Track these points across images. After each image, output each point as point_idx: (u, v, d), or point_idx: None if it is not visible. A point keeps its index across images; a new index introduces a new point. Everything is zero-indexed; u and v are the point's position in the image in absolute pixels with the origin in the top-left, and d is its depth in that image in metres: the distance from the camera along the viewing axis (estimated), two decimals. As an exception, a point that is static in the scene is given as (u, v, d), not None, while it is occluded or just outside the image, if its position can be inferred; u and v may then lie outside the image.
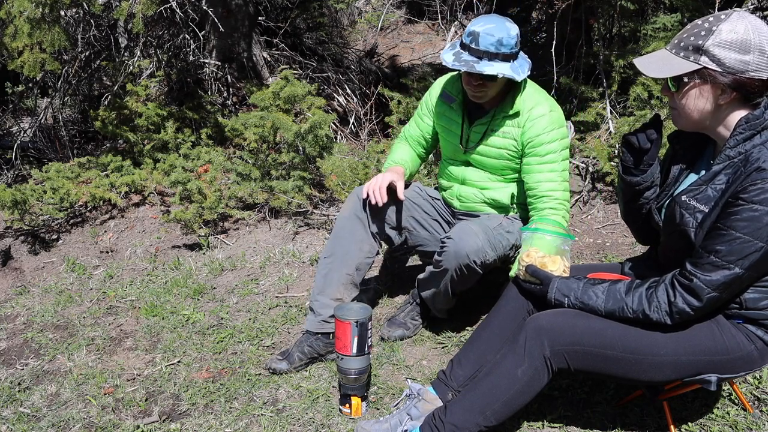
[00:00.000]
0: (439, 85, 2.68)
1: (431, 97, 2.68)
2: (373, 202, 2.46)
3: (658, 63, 1.69)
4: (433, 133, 2.72)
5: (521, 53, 2.43)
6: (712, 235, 1.65)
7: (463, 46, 2.36)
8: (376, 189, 2.46)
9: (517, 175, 2.55)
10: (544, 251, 2.02)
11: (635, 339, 1.78)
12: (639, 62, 1.72)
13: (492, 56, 2.30)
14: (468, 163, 2.62)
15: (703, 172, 1.79)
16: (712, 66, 1.61)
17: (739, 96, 1.64)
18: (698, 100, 1.67)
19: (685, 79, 1.65)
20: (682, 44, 1.66)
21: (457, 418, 1.89)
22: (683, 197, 1.76)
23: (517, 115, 2.44)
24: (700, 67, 1.63)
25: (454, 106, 2.59)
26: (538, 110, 2.43)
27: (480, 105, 2.53)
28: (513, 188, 2.58)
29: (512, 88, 2.47)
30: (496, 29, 2.30)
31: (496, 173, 2.57)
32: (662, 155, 1.99)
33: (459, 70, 2.40)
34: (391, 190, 2.52)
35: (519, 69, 2.36)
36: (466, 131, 2.56)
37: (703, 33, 1.62)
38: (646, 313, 1.74)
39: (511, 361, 1.86)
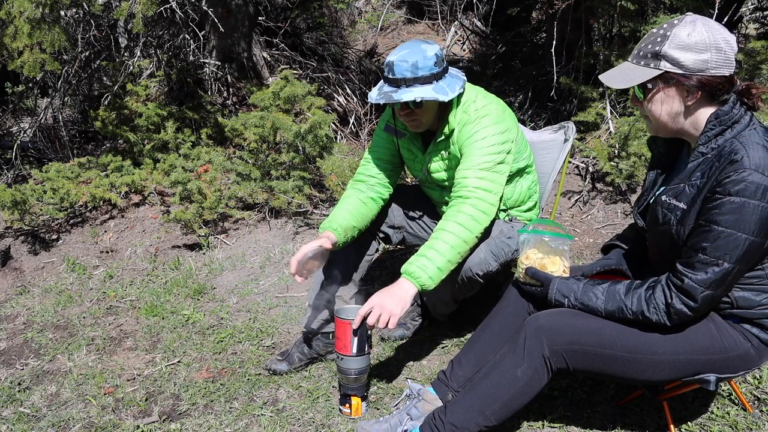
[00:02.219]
0: (384, 121, 2.58)
1: (383, 134, 2.58)
2: (299, 280, 2.35)
3: (621, 75, 1.75)
4: (400, 158, 2.62)
5: (451, 71, 2.33)
6: (696, 233, 1.66)
7: (384, 79, 2.28)
8: (292, 261, 2.30)
9: None
10: (542, 253, 2.02)
11: (633, 338, 1.79)
12: (604, 77, 1.78)
13: (410, 82, 2.22)
14: (440, 186, 2.54)
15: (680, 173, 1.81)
16: (673, 69, 1.66)
17: (704, 95, 1.68)
18: (666, 105, 1.71)
19: (649, 86, 1.70)
20: (641, 53, 1.72)
21: (457, 418, 1.89)
22: (663, 197, 1.79)
23: (452, 132, 2.35)
24: (661, 71, 1.68)
25: (406, 141, 2.51)
26: (463, 119, 2.32)
27: (430, 131, 2.45)
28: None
29: (448, 107, 2.35)
30: (410, 54, 2.22)
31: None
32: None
33: (380, 103, 2.29)
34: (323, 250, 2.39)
35: (446, 88, 2.25)
36: (421, 161, 2.50)
37: (659, 39, 1.68)
38: (646, 315, 1.75)
39: (511, 361, 1.86)
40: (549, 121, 4.52)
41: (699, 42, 1.63)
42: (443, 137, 2.36)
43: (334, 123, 4.86)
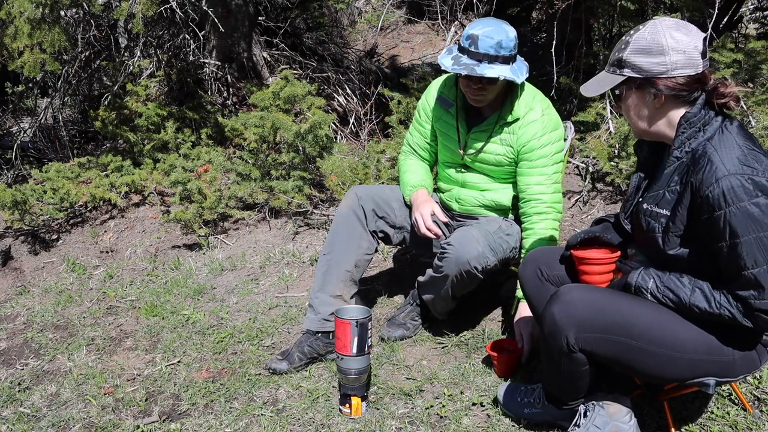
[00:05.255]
0: (435, 88, 2.66)
1: (428, 101, 2.66)
2: (438, 234, 2.48)
3: (594, 83, 1.80)
4: (436, 135, 2.71)
5: (519, 56, 2.42)
6: (726, 256, 1.62)
7: (462, 49, 2.34)
8: (429, 227, 2.47)
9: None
10: None
11: (660, 333, 1.76)
12: (583, 87, 1.83)
13: (492, 59, 2.29)
14: (467, 167, 2.61)
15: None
16: (634, 74, 1.70)
17: (670, 97, 1.69)
18: (636, 109, 1.76)
19: (617, 92, 1.76)
20: (610, 61, 1.77)
21: (551, 396, 2.05)
22: (644, 205, 1.80)
23: (515, 121, 2.44)
24: (624, 77, 1.72)
25: (452, 111, 2.57)
26: (530, 115, 2.43)
27: (478, 110, 2.52)
28: (512, 190, 2.57)
29: (510, 92, 2.46)
30: (495, 32, 2.30)
31: (495, 176, 2.57)
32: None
33: (459, 74, 2.38)
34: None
35: (518, 72, 2.35)
36: (463, 137, 2.55)
37: (623, 46, 1.72)
38: (735, 315, 1.67)
39: (545, 346, 1.93)
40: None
41: (657, 44, 1.66)
42: (503, 123, 2.46)
43: (334, 123, 4.85)
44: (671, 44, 1.65)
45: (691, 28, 1.69)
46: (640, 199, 1.85)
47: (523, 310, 2.43)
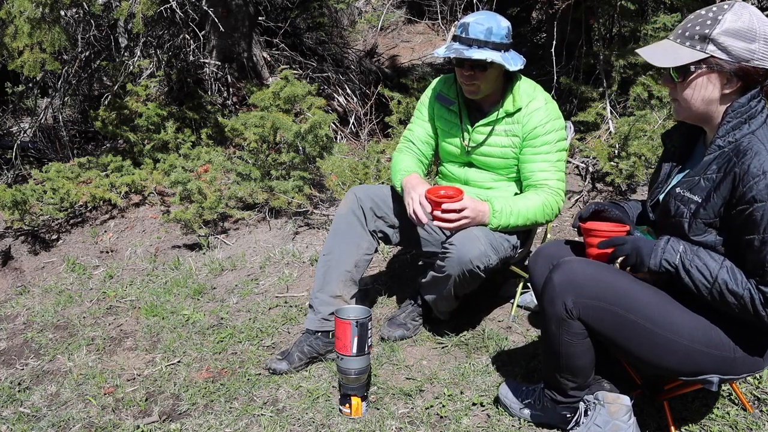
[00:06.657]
0: (434, 86, 2.69)
1: (429, 99, 2.68)
2: (424, 221, 2.38)
3: (663, 52, 1.70)
4: (436, 133, 2.72)
5: (514, 51, 2.45)
6: (756, 249, 1.61)
7: (455, 37, 2.40)
8: (415, 209, 2.38)
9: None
10: None
11: (657, 312, 1.76)
12: (644, 52, 1.73)
13: (482, 44, 2.34)
14: (470, 164, 2.62)
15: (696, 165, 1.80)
16: (719, 54, 1.62)
17: (742, 85, 1.65)
18: (704, 90, 1.67)
19: (692, 68, 1.66)
20: (687, 34, 1.66)
21: (551, 385, 2.02)
22: (677, 189, 1.77)
23: (518, 111, 2.47)
24: (707, 55, 1.63)
25: (453, 108, 2.59)
26: (534, 104, 2.46)
27: (479, 106, 2.54)
28: (516, 188, 2.58)
29: (509, 86, 2.49)
30: (486, 19, 2.36)
31: (500, 173, 2.57)
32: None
33: (449, 57, 2.40)
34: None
35: (511, 60, 2.38)
36: (467, 133, 2.56)
37: (708, 22, 1.63)
38: (755, 304, 1.64)
39: (543, 318, 1.91)
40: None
41: (750, 30, 1.60)
42: (506, 113, 2.47)
43: (334, 123, 4.86)
44: (763, 32, 1.60)
45: None
46: (673, 184, 1.82)
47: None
